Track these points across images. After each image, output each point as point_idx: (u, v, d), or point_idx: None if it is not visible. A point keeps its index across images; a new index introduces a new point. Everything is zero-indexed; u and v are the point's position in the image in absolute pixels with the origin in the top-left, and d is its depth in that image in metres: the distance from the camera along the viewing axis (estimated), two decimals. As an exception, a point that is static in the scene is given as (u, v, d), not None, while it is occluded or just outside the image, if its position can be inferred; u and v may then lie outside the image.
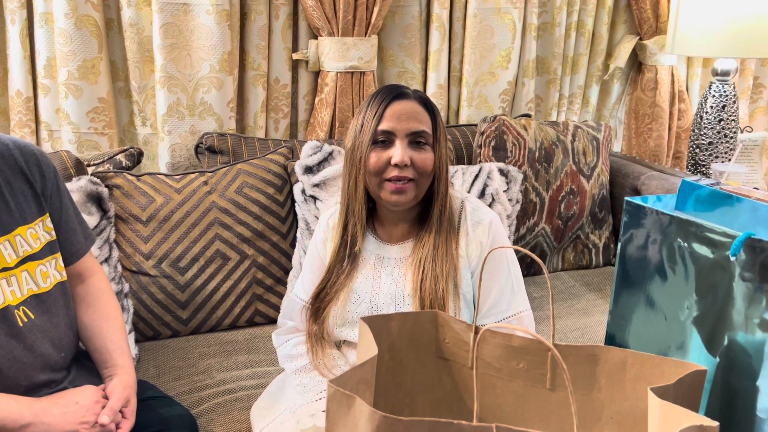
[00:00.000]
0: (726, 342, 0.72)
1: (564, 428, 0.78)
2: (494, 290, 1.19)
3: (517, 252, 1.54)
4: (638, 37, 2.37)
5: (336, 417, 0.66)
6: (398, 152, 1.15)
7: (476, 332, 0.80)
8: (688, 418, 0.61)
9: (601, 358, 0.76)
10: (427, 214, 1.23)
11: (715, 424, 0.60)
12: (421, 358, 0.84)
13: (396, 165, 1.15)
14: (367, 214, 1.26)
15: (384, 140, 1.17)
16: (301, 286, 1.34)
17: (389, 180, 1.17)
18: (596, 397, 0.77)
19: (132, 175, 1.65)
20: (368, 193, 1.23)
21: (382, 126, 1.17)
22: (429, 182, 1.21)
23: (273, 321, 1.67)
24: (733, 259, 0.68)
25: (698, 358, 0.76)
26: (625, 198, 0.80)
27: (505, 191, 1.73)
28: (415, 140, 1.18)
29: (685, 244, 0.73)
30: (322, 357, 1.24)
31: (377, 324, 0.79)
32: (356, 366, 0.70)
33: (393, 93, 1.20)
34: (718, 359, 0.74)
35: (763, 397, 0.71)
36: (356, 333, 1.22)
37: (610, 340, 0.85)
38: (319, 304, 1.25)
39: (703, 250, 0.72)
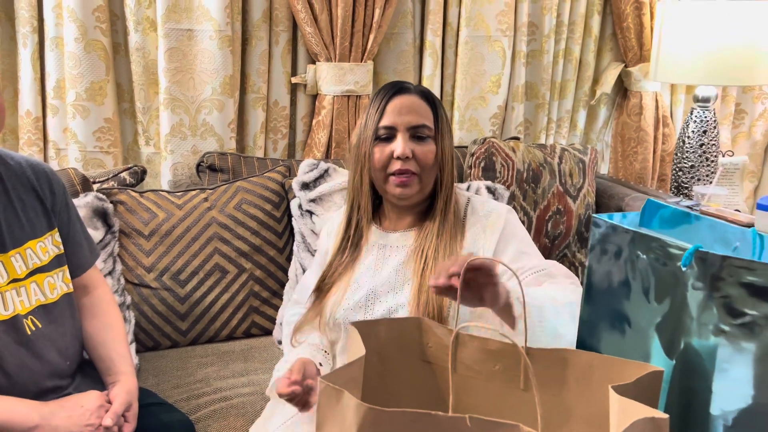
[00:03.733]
0: (682, 347, 0.79)
1: (537, 425, 0.84)
2: (509, 254, 1.21)
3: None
4: (623, 65, 2.47)
5: (326, 410, 0.72)
6: (399, 145, 1.20)
7: (457, 337, 0.86)
8: (642, 411, 0.68)
9: (570, 361, 0.82)
10: (433, 207, 1.27)
11: (665, 416, 0.67)
12: (408, 362, 0.91)
13: (398, 158, 1.20)
14: (374, 209, 1.32)
15: (386, 135, 1.23)
16: (312, 274, 1.39)
17: (393, 174, 1.22)
18: (566, 398, 0.84)
19: (135, 191, 1.72)
20: (375, 190, 1.29)
21: (384, 121, 1.23)
22: (433, 175, 1.25)
23: (269, 332, 1.73)
24: (684, 269, 0.75)
25: (659, 362, 0.83)
26: (592, 215, 0.87)
27: (492, 210, 1.80)
28: (416, 134, 1.23)
29: (644, 257, 0.80)
30: (306, 332, 1.29)
31: (365, 329, 0.86)
32: (345, 365, 0.77)
33: (394, 88, 1.26)
34: (676, 362, 0.81)
35: (716, 397, 0.77)
36: (352, 318, 1.25)
37: (581, 346, 0.92)
38: (321, 287, 1.30)
39: (660, 263, 0.79)
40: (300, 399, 1.10)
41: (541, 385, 0.83)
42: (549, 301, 1.03)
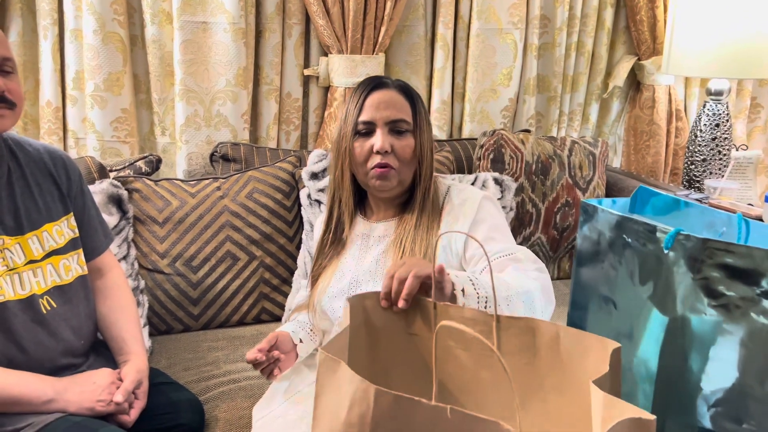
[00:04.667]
0: (667, 327, 0.81)
1: (512, 391, 0.85)
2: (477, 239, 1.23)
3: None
4: (636, 58, 2.46)
5: (324, 379, 0.75)
6: (379, 140, 1.23)
7: (435, 307, 0.88)
8: (628, 411, 0.65)
9: (539, 330, 0.83)
10: (413, 198, 1.30)
11: (652, 417, 0.64)
12: (394, 334, 0.92)
13: (378, 152, 1.23)
14: (359, 201, 1.35)
15: (365, 130, 1.26)
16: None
17: (374, 168, 1.25)
18: (538, 366, 0.84)
19: (150, 180, 1.77)
20: (358, 183, 1.31)
21: (363, 117, 1.25)
22: (412, 169, 1.28)
23: (278, 318, 1.77)
24: (667, 252, 0.77)
25: (647, 343, 0.85)
26: (582, 200, 0.89)
27: (499, 199, 1.82)
28: (395, 128, 1.25)
29: (629, 240, 0.82)
30: (297, 315, 1.39)
31: (355, 301, 0.89)
32: (337, 335, 0.80)
33: (372, 83, 1.29)
34: (662, 343, 0.82)
35: (699, 377, 0.79)
36: (335, 306, 1.30)
37: (571, 325, 0.94)
38: (311, 278, 1.36)
39: (645, 245, 0.81)
40: (266, 368, 1.19)
41: (515, 353, 0.84)
42: (502, 290, 1.00)
